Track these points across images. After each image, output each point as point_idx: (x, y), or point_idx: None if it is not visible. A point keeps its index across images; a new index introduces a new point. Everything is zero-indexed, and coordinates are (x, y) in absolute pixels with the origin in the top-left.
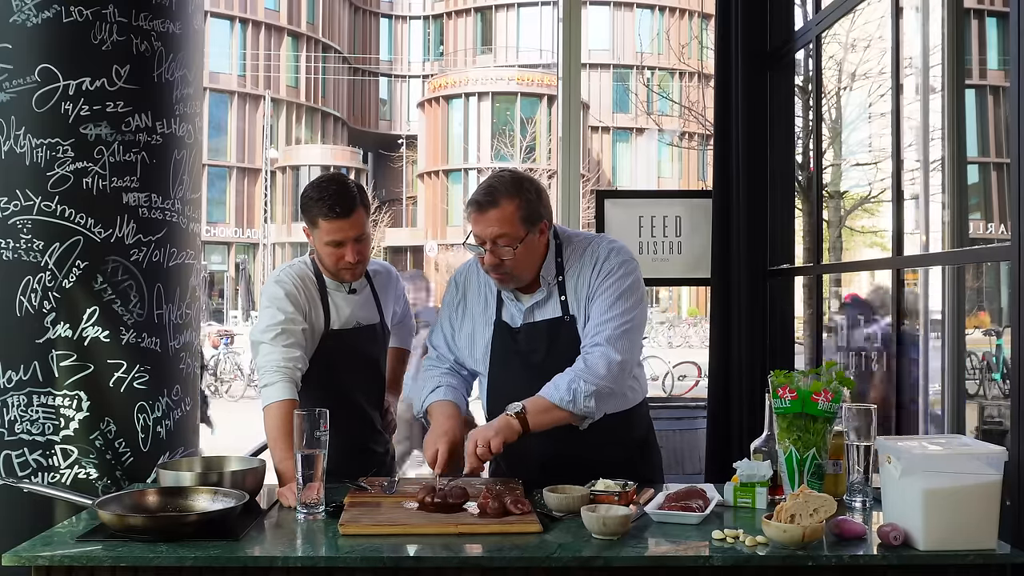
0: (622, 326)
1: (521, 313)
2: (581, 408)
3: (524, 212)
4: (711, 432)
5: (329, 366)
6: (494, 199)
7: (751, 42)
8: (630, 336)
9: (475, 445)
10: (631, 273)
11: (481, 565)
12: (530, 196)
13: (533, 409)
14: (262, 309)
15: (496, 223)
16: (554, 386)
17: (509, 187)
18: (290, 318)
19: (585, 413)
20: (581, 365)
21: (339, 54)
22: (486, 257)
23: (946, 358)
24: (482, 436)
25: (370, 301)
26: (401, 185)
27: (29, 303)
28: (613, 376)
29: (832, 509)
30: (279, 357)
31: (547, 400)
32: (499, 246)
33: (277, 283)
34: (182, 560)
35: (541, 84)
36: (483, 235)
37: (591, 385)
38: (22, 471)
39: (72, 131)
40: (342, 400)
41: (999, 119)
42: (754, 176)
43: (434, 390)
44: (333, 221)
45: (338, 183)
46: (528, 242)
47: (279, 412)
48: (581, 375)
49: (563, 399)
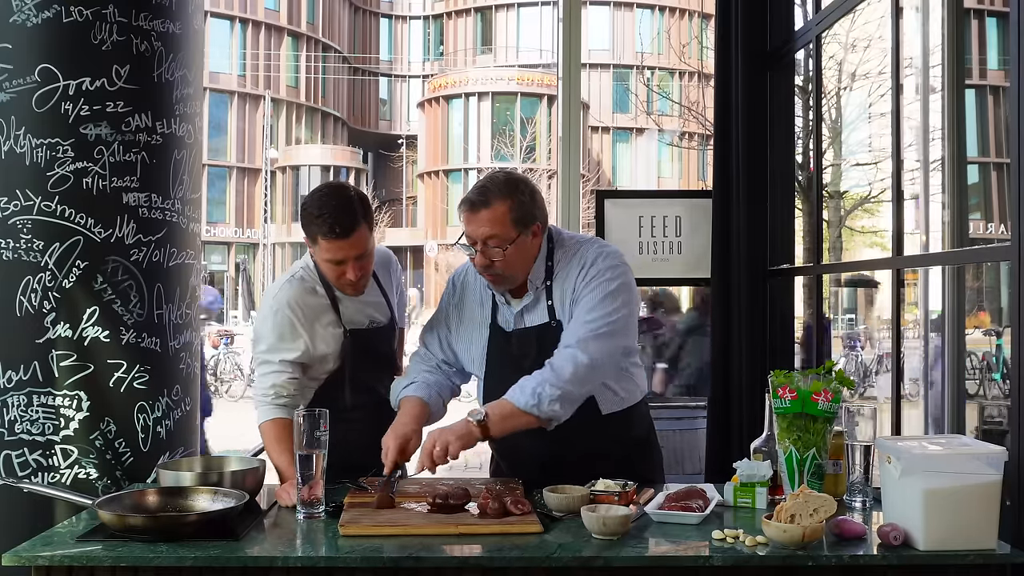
0: (598, 328)
1: (512, 317)
2: (546, 412)
3: (516, 214)
4: (711, 432)
5: (354, 368)
6: (486, 199)
7: (751, 42)
8: (606, 339)
9: (432, 445)
10: (617, 277)
11: (481, 565)
12: (523, 198)
13: (497, 415)
14: (256, 330)
15: (487, 223)
16: (520, 390)
17: (502, 188)
18: (277, 347)
19: (550, 416)
20: (547, 369)
21: (339, 54)
22: (476, 258)
23: (946, 358)
24: (442, 440)
25: (378, 295)
26: (401, 185)
27: (29, 303)
28: (580, 379)
29: (832, 509)
30: (267, 384)
31: (512, 404)
32: (489, 247)
33: (271, 311)
34: (182, 560)
35: (541, 84)
36: (474, 235)
37: (556, 389)
38: (22, 471)
39: (72, 131)
40: (368, 396)
41: (999, 119)
42: (754, 176)
43: (408, 385)
44: (333, 241)
45: (339, 197)
46: (520, 244)
47: (271, 426)
48: (547, 379)
49: (527, 403)
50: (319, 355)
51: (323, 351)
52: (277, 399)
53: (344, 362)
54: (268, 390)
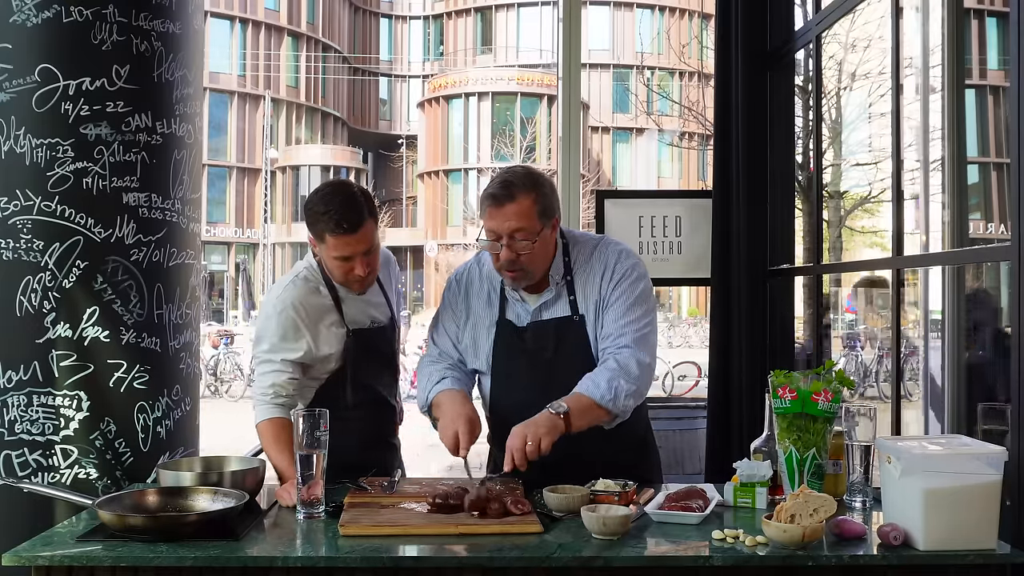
0: (642, 330)
1: (528, 313)
2: (620, 406)
3: (541, 206)
4: (711, 432)
5: (356, 367)
6: (511, 193)
7: (751, 42)
8: (649, 340)
9: (523, 440)
10: (643, 277)
11: (481, 565)
12: (545, 190)
13: (576, 408)
14: (259, 329)
15: (514, 217)
16: (594, 384)
17: (525, 181)
18: (279, 347)
19: (621, 411)
20: (615, 364)
21: (339, 54)
22: (502, 253)
23: (946, 358)
24: (532, 433)
25: (379, 295)
26: (401, 185)
27: (29, 303)
28: (644, 377)
29: (832, 509)
30: (267, 383)
31: (589, 398)
32: (516, 240)
33: (275, 311)
34: (182, 560)
35: (541, 84)
36: (499, 229)
37: (631, 384)
38: (22, 471)
39: (72, 131)
40: (369, 395)
41: (999, 119)
42: (754, 176)
43: (440, 381)
44: (340, 237)
45: (344, 194)
46: (543, 237)
47: (268, 426)
48: (619, 374)
49: (604, 396)
50: (322, 356)
51: (326, 351)
52: (276, 398)
53: (346, 362)
54: (268, 389)
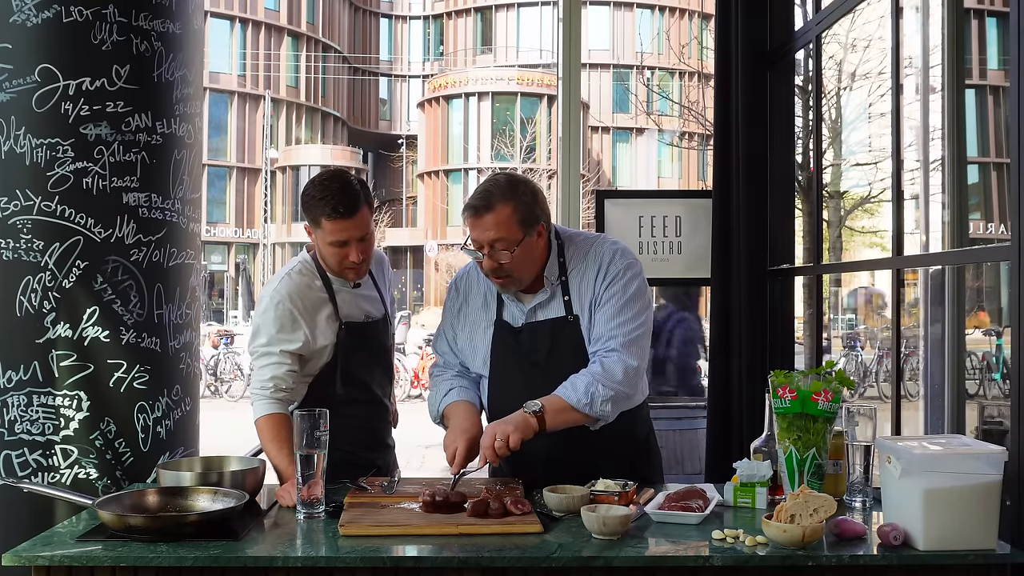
0: (633, 331)
1: (523, 313)
2: (597, 411)
3: (520, 215)
4: (711, 432)
5: (347, 360)
6: (489, 203)
7: (751, 42)
8: (641, 342)
9: (493, 439)
10: (637, 276)
11: (481, 565)
12: (525, 199)
13: (550, 408)
14: (256, 323)
15: (492, 227)
16: (572, 387)
17: (504, 191)
18: (277, 338)
19: (600, 416)
20: (598, 369)
21: (339, 54)
22: (484, 261)
23: (946, 358)
24: (501, 430)
25: (372, 290)
26: (401, 185)
27: (29, 303)
28: (629, 381)
29: (832, 509)
30: (266, 376)
31: (564, 401)
32: (496, 250)
33: (272, 303)
34: (182, 560)
35: (541, 84)
36: (480, 239)
37: (609, 390)
38: (22, 471)
39: (72, 131)
40: (362, 392)
41: (999, 119)
42: (754, 176)
43: (448, 392)
44: (337, 221)
45: (341, 181)
46: (525, 245)
47: (268, 422)
48: (599, 379)
49: (580, 401)
50: (318, 348)
51: (322, 344)
52: (276, 392)
53: (338, 355)
54: (267, 382)
